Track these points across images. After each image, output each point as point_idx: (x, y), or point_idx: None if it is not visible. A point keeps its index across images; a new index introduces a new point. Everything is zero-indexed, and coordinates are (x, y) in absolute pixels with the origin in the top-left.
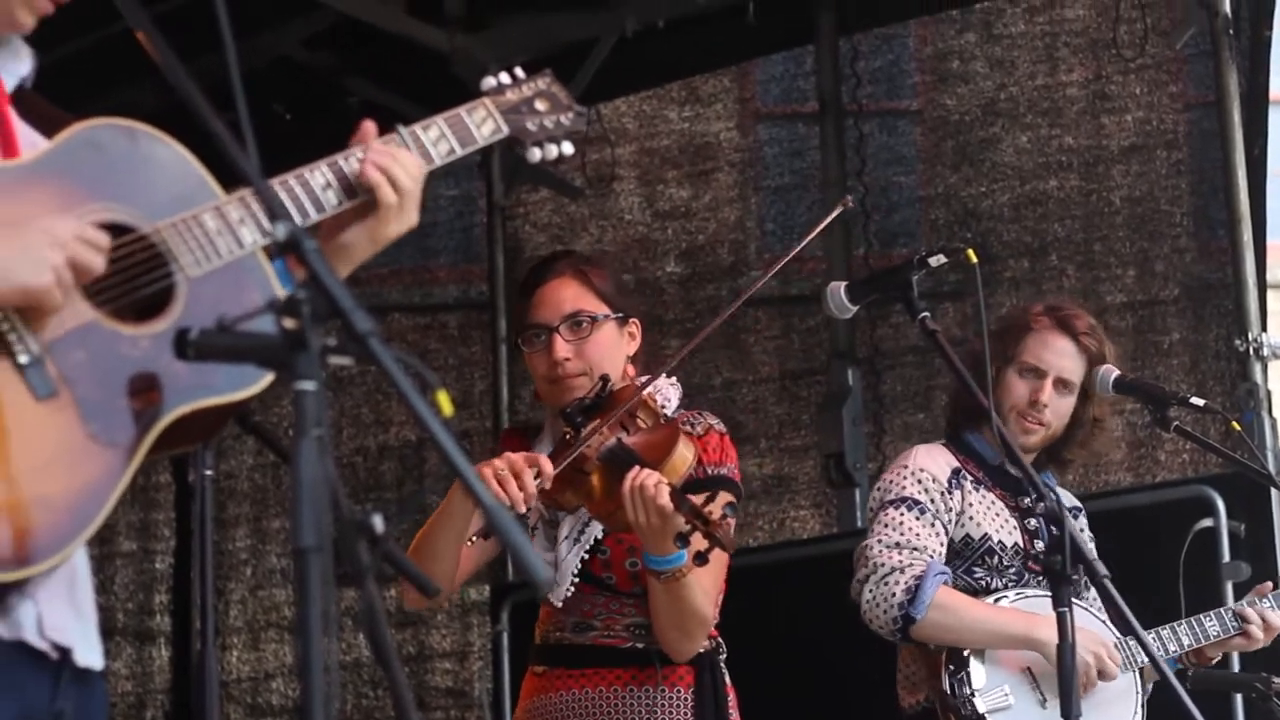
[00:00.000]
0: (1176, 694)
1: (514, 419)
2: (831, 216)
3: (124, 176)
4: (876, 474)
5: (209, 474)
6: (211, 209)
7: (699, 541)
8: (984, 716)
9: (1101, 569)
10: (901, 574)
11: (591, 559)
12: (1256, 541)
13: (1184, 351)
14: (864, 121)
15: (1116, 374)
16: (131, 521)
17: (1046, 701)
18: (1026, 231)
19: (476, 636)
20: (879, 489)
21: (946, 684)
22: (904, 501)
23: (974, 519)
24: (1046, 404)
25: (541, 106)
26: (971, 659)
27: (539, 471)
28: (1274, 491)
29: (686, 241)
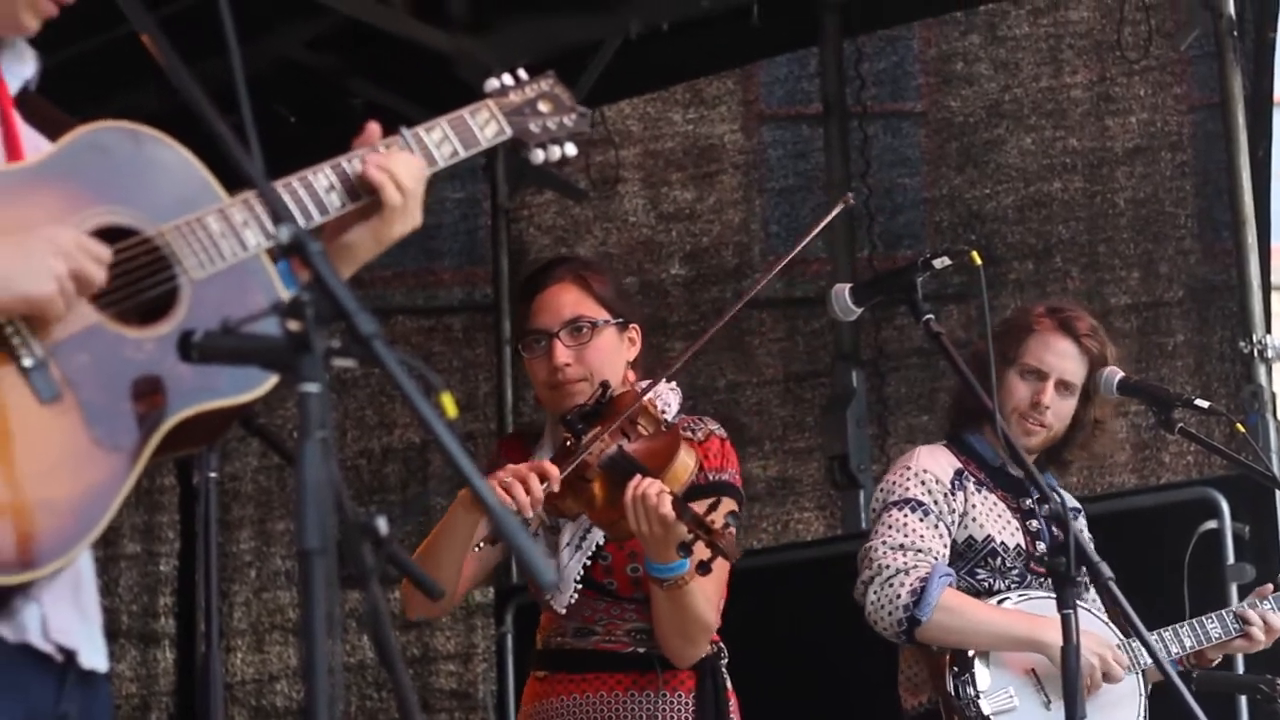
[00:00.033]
0: (1180, 696)
1: (518, 421)
2: (833, 214)
3: (128, 179)
4: (880, 476)
5: (213, 476)
6: (215, 211)
7: (701, 551)
8: (989, 718)
9: (1106, 571)
10: (906, 576)
11: (593, 565)
12: (1261, 543)
13: (1188, 353)
14: (868, 123)
15: (1121, 376)
16: (136, 524)
17: (1051, 704)
18: (1031, 233)
19: (481, 639)
20: (882, 490)
21: (951, 686)
22: (907, 503)
23: (977, 520)
24: (1048, 406)
25: (544, 108)
26: (976, 661)
27: (545, 477)
28: (1278, 493)
29: (691, 244)
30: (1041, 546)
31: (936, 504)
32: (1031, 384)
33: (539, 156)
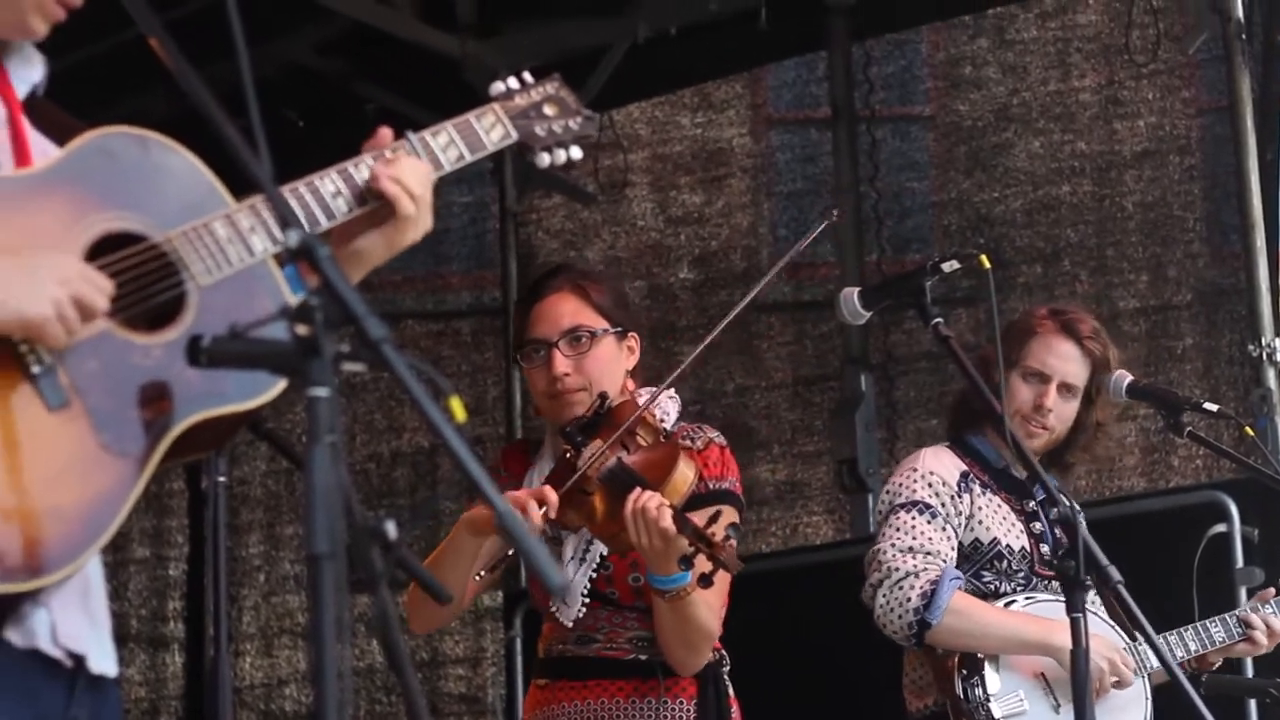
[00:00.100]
0: (1189, 699)
1: (527, 425)
2: (817, 230)
3: (135, 185)
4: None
5: (222, 480)
6: (222, 217)
7: (703, 563)
8: None
9: (1115, 575)
10: (916, 579)
11: (596, 575)
12: (1270, 547)
13: (1197, 357)
14: (876, 127)
15: (1130, 379)
16: (145, 528)
17: (1060, 707)
18: (1039, 237)
19: (489, 642)
20: (888, 492)
21: (960, 689)
22: (915, 505)
23: (983, 523)
24: (1050, 409)
25: (550, 111)
26: (985, 664)
27: (544, 503)
28: None
29: (699, 247)
30: (1045, 549)
31: (943, 506)
32: (1034, 386)
33: (544, 160)
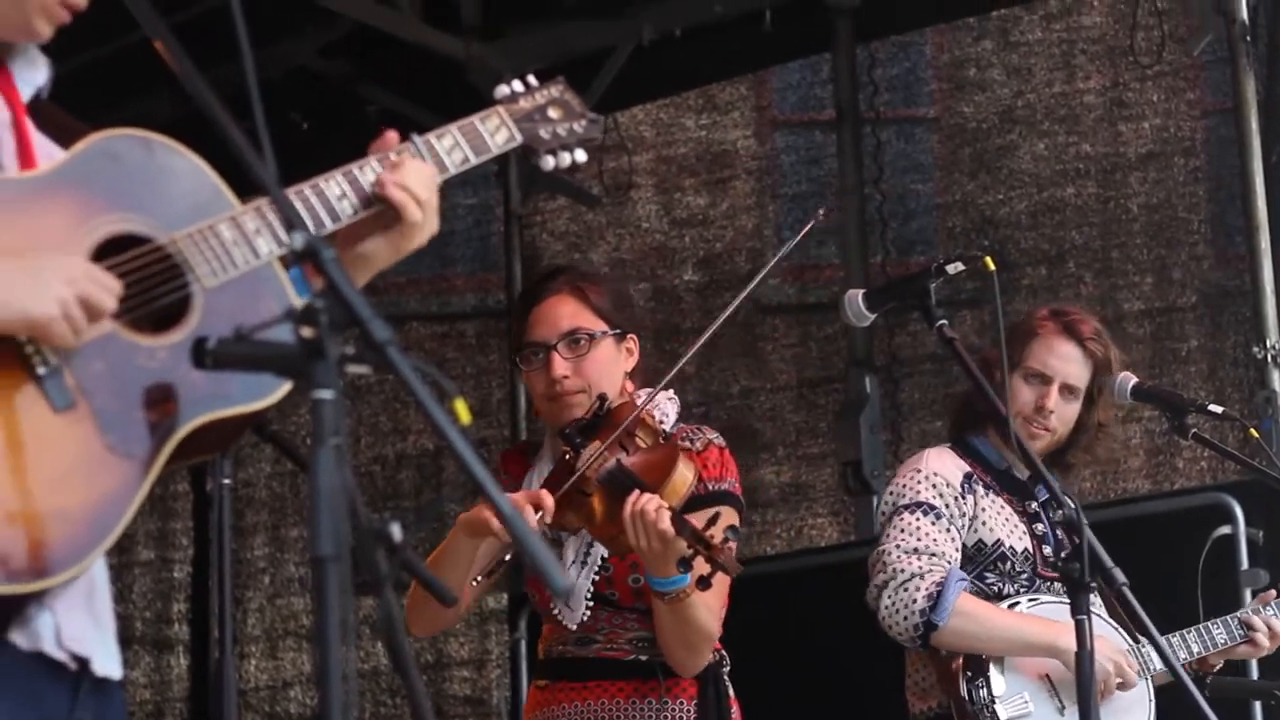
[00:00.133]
0: (1193, 701)
1: (532, 427)
2: (805, 230)
3: (140, 187)
4: None
5: (227, 483)
6: (227, 219)
7: (701, 566)
8: None
9: (1120, 577)
10: (922, 580)
11: (596, 576)
12: (1275, 549)
13: (1202, 359)
14: (881, 129)
15: (1135, 381)
16: (150, 530)
17: (1065, 709)
18: (1044, 239)
19: (494, 645)
20: (892, 493)
21: (965, 691)
22: (919, 506)
23: (986, 524)
24: (1052, 410)
25: (554, 114)
26: (991, 666)
27: (540, 507)
28: None
29: (704, 249)
30: (1047, 550)
31: (947, 507)
32: (1036, 388)
33: (549, 163)
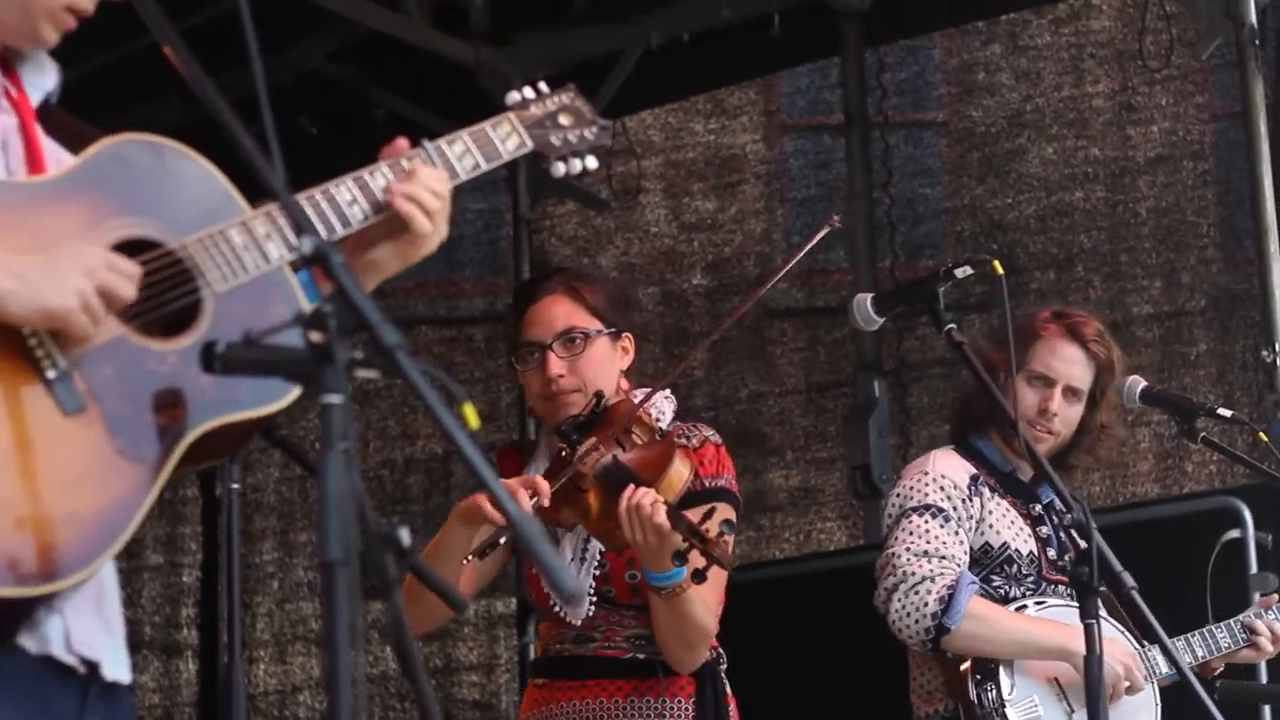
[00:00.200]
0: (1202, 705)
1: (540, 431)
2: (818, 237)
3: (151, 192)
4: None
5: (236, 487)
6: (238, 224)
7: (696, 559)
8: None
9: (1129, 581)
10: (933, 583)
11: (595, 573)
12: None
13: (1211, 362)
14: (889, 133)
15: (1144, 385)
16: (159, 535)
17: (1074, 712)
18: (1053, 243)
19: (503, 649)
20: (898, 495)
21: (974, 694)
22: (928, 509)
23: (993, 527)
24: (1056, 413)
25: (565, 121)
26: (1000, 669)
27: (535, 492)
28: None
29: (712, 254)
30: (1052, 553)
31: (955, 510)
32: (1039, 391)
33: (560, 170)
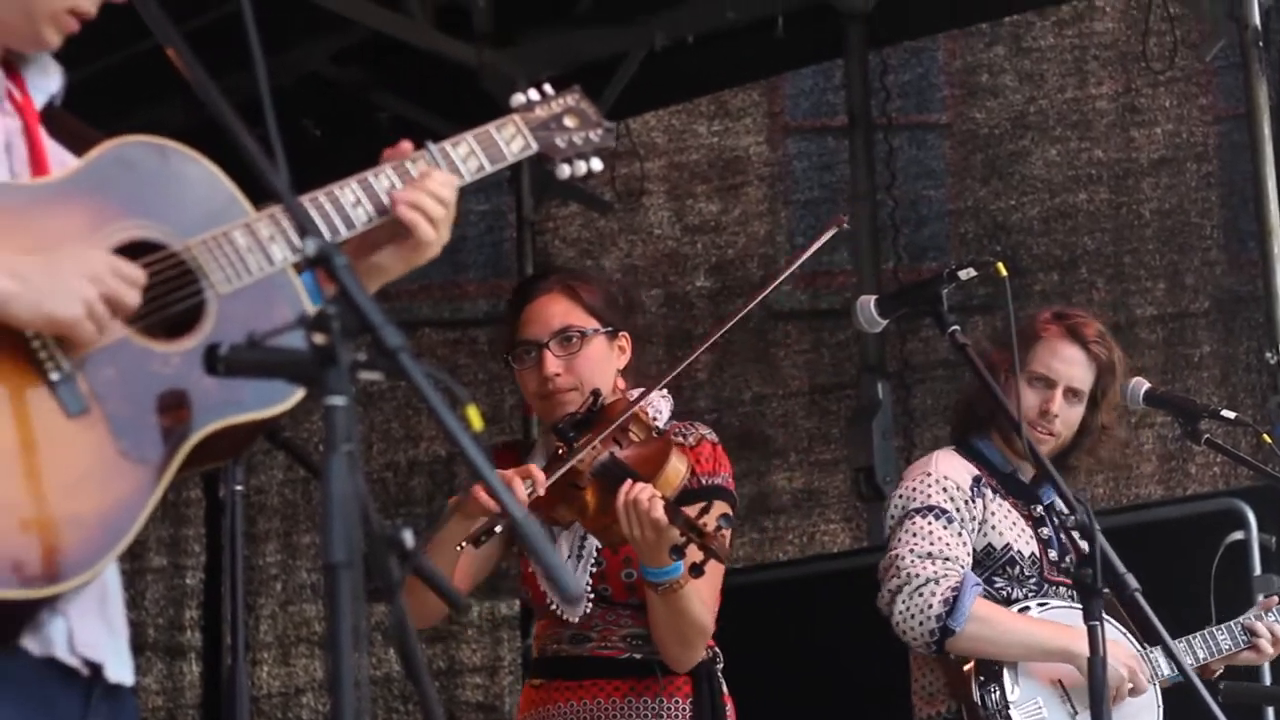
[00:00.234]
0: (1205, 707)
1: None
2: (825, 236)
3: (154, 194)
4: None
5: (239, 489)
6: (241, 226)
7: (694, 553)
8: None
9: (1132, 583)
10: (937, 585)
11: (592, 570)
12: None
13: (1214, 364)
14: (893, 135)
15: (1147, 387)
16: (162, 537)
17: (1077, 715)
18: (1056, 245)
19: (506, 651)
20: (901, 496)
21: (977, 696)
22: (931, 510)
23: (995, 528)
24: (1057, 414)
25: (570, 123)
26: (1004, 671)
27: (531, 480)
28: None
29: (716, 256)
30: (1053, 554)
31: (958, 511)
32: (1040, 392)
33: (565, 172)
